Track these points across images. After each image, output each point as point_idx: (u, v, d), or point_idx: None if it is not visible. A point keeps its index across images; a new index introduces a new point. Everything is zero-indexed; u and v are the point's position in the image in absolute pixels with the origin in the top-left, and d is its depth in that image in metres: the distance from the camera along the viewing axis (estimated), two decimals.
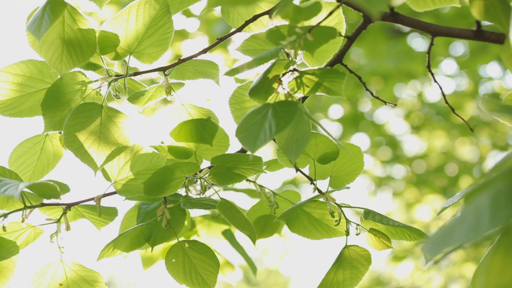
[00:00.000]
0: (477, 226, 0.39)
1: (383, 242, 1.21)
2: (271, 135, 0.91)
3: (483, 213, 0.40)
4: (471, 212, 0.41)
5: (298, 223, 1.28)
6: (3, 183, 0.99)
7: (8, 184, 0.98)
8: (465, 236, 0.39)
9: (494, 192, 0.42)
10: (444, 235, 0.41)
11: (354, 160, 1.24)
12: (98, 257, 1.16)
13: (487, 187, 0.51)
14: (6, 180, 1.02)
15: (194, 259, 1.19)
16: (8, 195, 0.93)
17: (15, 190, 0.94)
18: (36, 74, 1.19)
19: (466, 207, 0.43)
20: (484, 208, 0.40)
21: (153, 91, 1.23)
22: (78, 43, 1.12)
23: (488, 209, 0.40)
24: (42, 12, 1.03)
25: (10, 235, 1.15)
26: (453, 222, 0.42)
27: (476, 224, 0.39)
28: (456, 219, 0.43)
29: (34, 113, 1.22)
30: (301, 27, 1.03)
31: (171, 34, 1.18)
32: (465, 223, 0.40)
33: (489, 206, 0.40)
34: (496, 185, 0.46)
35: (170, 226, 1.18)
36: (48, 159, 1.29)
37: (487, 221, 0.39)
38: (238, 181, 1.20)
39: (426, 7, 1.22)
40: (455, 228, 0.41)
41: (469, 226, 0.40)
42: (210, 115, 1.26)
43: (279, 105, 0.97)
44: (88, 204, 1.16)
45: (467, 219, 0.41)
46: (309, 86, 1.06)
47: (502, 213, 0.40)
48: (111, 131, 1.14)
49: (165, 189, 1.12)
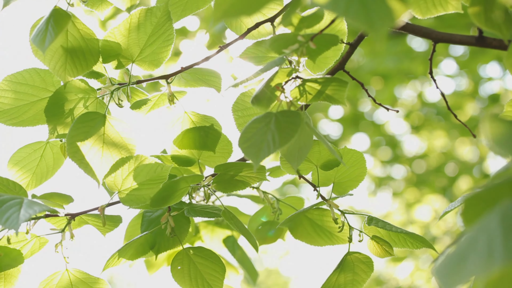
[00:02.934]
0: (491, 258, 0.39)
1: (385, 250, 1.21)
2: (275, 148, 0.91)
3: (494, 240, 0.40)
4: (481, 235, 0.41)
5: (302, 229, 1.28)
6: (5, 207, 0.95)
7: (9, 208, 0.95)
8: (479, 269, 0.39)
9: (503, 212, 0.42)
10: (456, 263, 0.41)
11: (357, 166, 1.24)
12: (104, 267, 1.16)
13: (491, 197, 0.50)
14: (7, 199, 0.99)
15: (200, 266, 1.19)
16: (9, 228, 0.91)
17: (16, 220, 0.92)
18: (39, 83, 1.19)
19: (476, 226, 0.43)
20: (494, 232, 0.40)
21: (156, 99, 1.23)
22: (81, 51, 1.13)
23: (499, 235, 0.40)
24: (46, 24, 1.03)
25: (15, 245, 1.15)
26: (464, 245, 0.42)
27: (489, 255, 0.39)
28: (467, 241, 0.42)
29: (37, 122, 1.21)
30: (304, 35, 1.03)
31: (172, 41, 1.18)
32: (477, 251, 0.40)
33: (500, 232, 0.40)
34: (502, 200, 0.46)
35: (174, 233, 1.18)
36: (47, 166, 1.28)
37: (500, 253, 0.39)
38: (242, 188, 1.20)
39: (429, 13, 1.22)
40: (467, 255, 0.40)
41: (482, 255, 0.39)
42: (213, 122, 1.27)
43: (282, 116, 0.96)
44: (93, 214, 1.16)
45: (478, 245, 0.40)
46: (312, 94, 1.06)
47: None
48: (114, 141, 1.14)
49: (170, 200, 1.12)
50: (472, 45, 1.19)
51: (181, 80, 1.24)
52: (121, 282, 10.37)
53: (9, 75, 1.18)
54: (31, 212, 0.92)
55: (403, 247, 1.22)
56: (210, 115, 1.28)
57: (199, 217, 1.55)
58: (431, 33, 1.19)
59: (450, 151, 5.47)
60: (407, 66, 4.73)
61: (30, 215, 0.92)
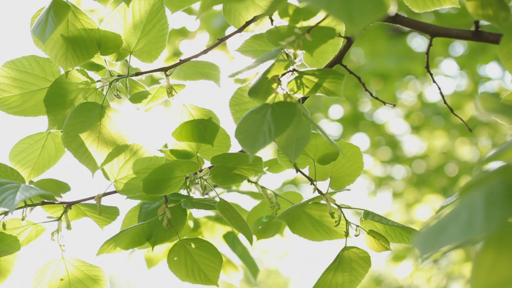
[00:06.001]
0: (470, 227, 0.40)
1: (382, 244, 1.22)
2: (270, 138, 0.92)
3: (476, 212, 0.40)
4: (465, 209, 0.42)
5: (300, 224, 1.29)
6: (2, 188, 0.96)
7: (5, 190, 0.97)
8: (458, 236, 0.39)
9: (488, 189, 0.42)
10: (437, 232, 0.42)
11: (354, 160, 1.24)
12: (98, 252, 1.16)
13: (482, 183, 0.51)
14: (4, 182, 1.01)
15: (196, 256, 1.20)
16: (4, 207, 0.92)
17: (11, 201, 0.93)
18: (39, 72, 1.19)
19: (460, 203, 0.43)
20: (477, 206, 0.41)
21: (155, 91, 1.24)
22: (82, 40, 1.13)
23: (482, 208, 0.40)
24: (46, 15, 1.04)
25: (11, 232, 1.15)
26: (446, 218, 0.43)
27: (469, 224, 0.40)
28: (450, 214, 0.43)
29: (38, 112, 1.22)
30: (300, 27, 1.03)
31: (167, 31, 1.18)
32: (458, 222, 0.41)
33: (483, 205, 0.40)
34: (490, 181, 0.47)
35: (171, 225, 1.19)
36: (49, 156, 1.29)
37: (480, 222, 0.39)
38: (239, 181, 1.21)
39: (426, 8, 1.22)
40: (448, 225, 0.41)
41: (462, 225, 0.40)
42: (211, 116, 1.27)
43: (278, 106, 0.97)
44: (89, 203, 1.17)
45: (460, 217, 0.41)
46: (309, 87, 1.07)
47: (496, 214, 0.40)
48: (111, 132, 1.14)
49: (165, 188, 1.13)
50: (469, 39, 1.20)
51: (180, 73, 1.25)
52: (121, 282, 10.37)
53: (8, 62, 1.18)
54: (27, 195, 0.93)
55: (400, 242, 1.23)
56: (208, 109, 1.29)
57: (199, 213, 1.57)
58: (427, 27, 1.20)
59: (450, 151, 5.47)
60: (407, 66, 4.73)
61: (26, 197, 0.93)
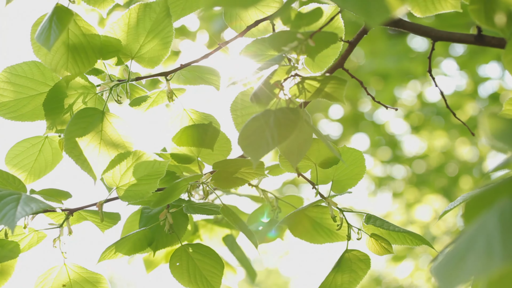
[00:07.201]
0: (490, 258, 0.38)
1: (384, 247, 1.21)
2: (273, 145, 0.92)
3: (493, 240, 0.39)
4: (480, 234, 0.41)
5: (301, 227, 1.28)
6: (2, 203, 0.94)
7: (6, 205, 0.94)
8: (479, 269, 0.38)
9: (500, 210, 0.42)
10: (456, 263, 0.40)
11: (356, 164, 1.24)
12: (99, 259, 1.16)
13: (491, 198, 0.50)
14: (5, 195, 0.98)
15: (198, 262, 1.20)
16: (5, 225, 0.91)
17: (12, 217, 0.92)
18: (38, 77, 1.18)
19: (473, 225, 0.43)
20: (493, 231, 0.40)
21: (155, 96, 1.23)
22: (83, 48, 1.12)
23: (498, 234, 0.39)
24: (49, 22, 1.03)
25: (13, 238, 1.15)
26: (463, 244, 0.42)
27: (488, 255, 0.39)
28: (465, 239, 0.42)
29: (36, 117, 1.21)
30: (303, 32, 1.03)
31: (171, 39, 1.18)
32: (476, 250, 0.40)
33: (499, 231, 0.39)
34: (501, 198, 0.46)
35: (173, 230, 1.19)
36: (46, 161, 1.28)
37: (499, 253, 0.38)
38: (240, 185, 1.20)
39: (428, 12, 1.22)
40: (467, 254, 0.40)
41: (481, 255, 0.39)
42: (212, 120, 1.27)
43: (281, 113, 0.97)
44: (91, 210, 1.16)
45: (477, 245, 0.40)
46: (311, 92, 1.06)
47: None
48: (112, 138, 1.14)
49: (170, 198, 1.13)
50: (471, 44, 1.19)
51: (180, 78, 1.24)
52: (121, 282, 10.37)
53: (8, 67, 1.17)
54: (27, 210, 0.92)
55: (403, 243, 1.22)
56: (209, 113, 1.28)
57: (198, 216, 1.56)
58: (430, 32, 1.19)
59: (450, 151, 5.46)
60: (407, 66, 4.73)
61: (26, 213, 0.92)
